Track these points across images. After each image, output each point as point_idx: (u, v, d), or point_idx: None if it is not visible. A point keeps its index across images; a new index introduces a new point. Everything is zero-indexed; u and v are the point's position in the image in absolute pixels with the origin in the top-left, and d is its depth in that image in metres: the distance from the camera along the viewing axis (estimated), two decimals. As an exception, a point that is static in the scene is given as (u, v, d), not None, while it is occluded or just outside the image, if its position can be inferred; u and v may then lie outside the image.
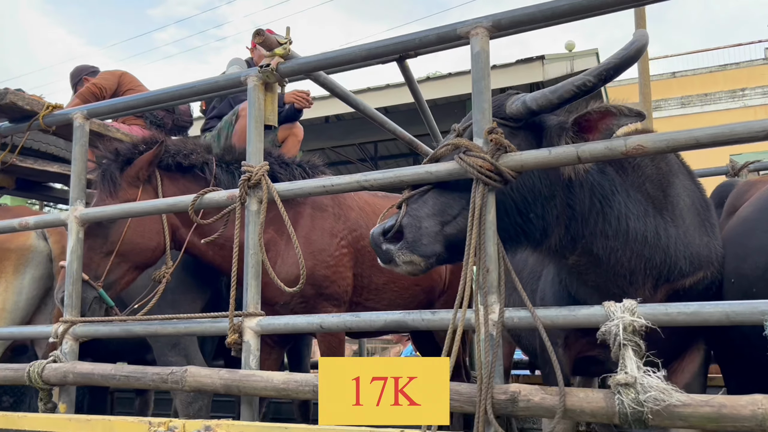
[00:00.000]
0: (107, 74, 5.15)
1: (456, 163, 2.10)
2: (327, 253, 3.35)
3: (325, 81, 2.91)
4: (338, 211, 3.51)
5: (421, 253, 2.10)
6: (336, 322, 2.26)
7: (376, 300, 3.69)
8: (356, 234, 3.53)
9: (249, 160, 2.52)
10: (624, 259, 2.26)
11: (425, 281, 3.93)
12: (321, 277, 3.34)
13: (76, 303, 2.83)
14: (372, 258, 3.61)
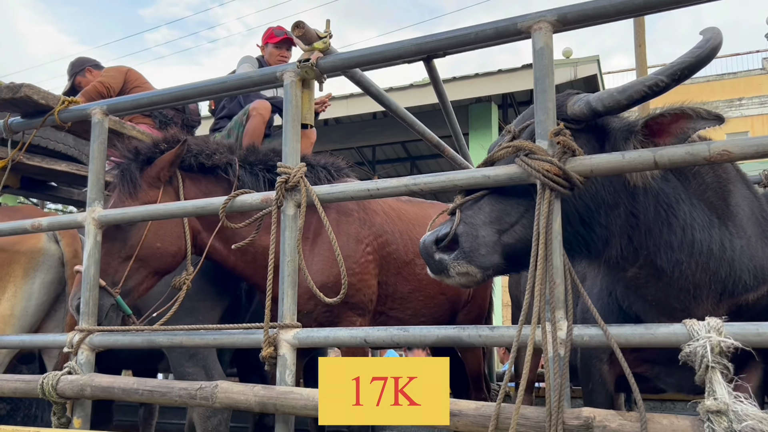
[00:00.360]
0: (113, 71, 4.94)
1: (518, 166, 1.95)
2: (352, 260, 3.19)
3: (360, 79, 2.75)
4: (363, 215, 3.35)
5: (479, 264, 1.95)
6: (382, 336, 2.10)
7: (400, 309, 3.54)
8: (382, 240, 3.37)
9: (285, 161, 2.35)
10: (689, 272, 2.11)
11: (451, 290, 3.77)
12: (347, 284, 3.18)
13: (93, 310, 2.65)
14: (397, 265, 3.46)
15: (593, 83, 11.53)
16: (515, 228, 2.02)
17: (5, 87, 2.83)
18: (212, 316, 3.29)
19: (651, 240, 2.07)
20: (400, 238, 3.48)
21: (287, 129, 2.37)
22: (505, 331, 1.94)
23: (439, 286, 3.67)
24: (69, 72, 5.21)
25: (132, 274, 2.80)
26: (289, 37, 5.27)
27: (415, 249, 3.54)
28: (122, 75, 4.88)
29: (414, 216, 3.69)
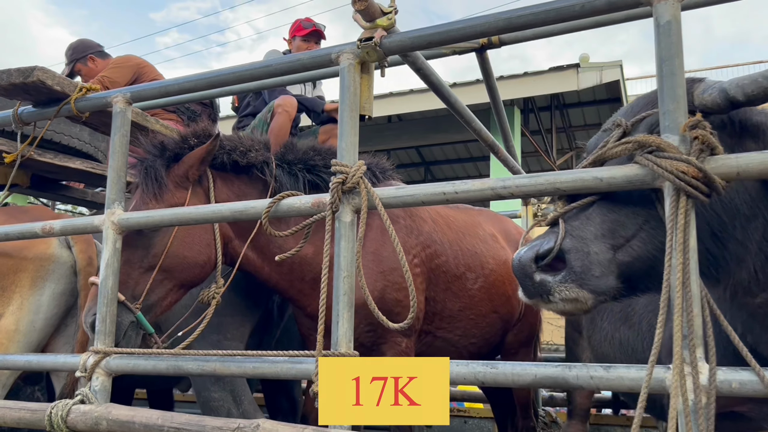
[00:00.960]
0: (121, 63, 4.50)
1: (640, 166, 1.58)
2: (399, 273, 2.82)
3: (422, 66, 2.38)
4: (410, 223, 2.98)
5: (593, 288, 1.57)
6: (463, 372, 1.72)
7: (448, 329, 3.15)
8: (430, 251, 2.99)
9: (342, 158, 1.98)
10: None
11: (504, 308, 3.39)
12: (392, 301, 2.81)
13: (111, 329, 2.28)
14: (447, 280, 3.08)
15: (616, 88, 11.16)
16: (632, 243, 1.63)
17: (16, 70, 2.48)
18: (241, 333, 2.93)
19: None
20: (449, 248, 3.10)
21: (344, 120, 2.00)
22: (624, 372, 1.55)
23: (491, 303, 3.29)
24: (68, 56, 4.72)
25: (155, 286, 2.44)
26: (318, 29, 4.92)
27: (466, 261, 3.16)
28: (131, 70, 4.47)
29: (463, 224, 3.31)
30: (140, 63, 4.65)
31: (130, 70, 4.47)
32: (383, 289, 2.77)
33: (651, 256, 1.63)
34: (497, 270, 3.31)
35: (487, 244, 3.34)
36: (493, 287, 3.29)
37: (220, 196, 2.64)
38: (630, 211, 1.66)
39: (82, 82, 2.59)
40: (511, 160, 3.62)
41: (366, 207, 1.91)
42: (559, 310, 1.62)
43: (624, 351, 2.84)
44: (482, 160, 13.70)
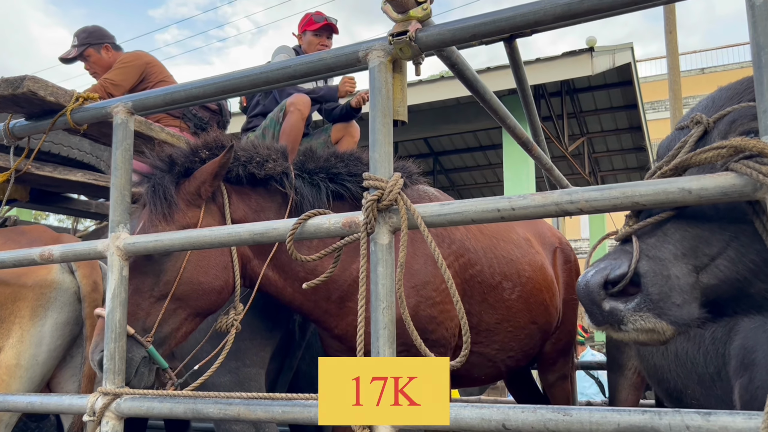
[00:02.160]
0: (128, 62, 4.18)
1: (738, 175, 1.32)
2: (432, 286, 2.58)
3: (457, 60, 2.12)
4: (441, 230, 2.73)
5: (673, 319, 1.34)
6: (531, 420, 1.47)
7: (485, 344, 2.91)
8: (464, 260, 2.74)
9: (375, 171, 1.73)
10: None
11: (543, 317, 3.15)
12: (426, 318, 2.57)
13: (120, 367, 2.05)
14: (482, 291, 2.83)
15: (627, 72, 10.85)
16: (718, 263, 1.39)
17: (3, 81, 2.23)
18: (261, 358, 2.70)
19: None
20: (484, 256, 2.85)
21: (376, 127, 1.75)
22: (729, 420, 1.30)
23: (529, 313, 3.04)
24: (80, 37, 4.40)
25: (168, 317, 2.20)
26: (330, 23, 4.65)
27: (502, 270, 2.91)
28: (137, 70, 4.19)
29: (496, 228, 3.06)
30: (149, 61, 4.37)
31: (136, 71, 4.20)
32: (416, 305, 2.54)
33: (741, 278, 1.39)
34: (534, 277, 3.06)
35: (523, 250, 3.09)
36: (531, 296, 3.05)
37: (237, 213, 2.40)
38: (715, 226, 1.41)
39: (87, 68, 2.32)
40: (545, 158, 3.36)
41: (406, 227, 1.66)
42: (632, 339, 1.39)
43: (681, 364, 2.60)
44: (492, 148, 13.43)
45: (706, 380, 2.51)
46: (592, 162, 13.54)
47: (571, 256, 3.64)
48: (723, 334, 2.39)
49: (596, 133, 12.93)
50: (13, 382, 2.41)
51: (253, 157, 2.47)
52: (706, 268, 1.39)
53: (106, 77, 4.16)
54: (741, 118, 1.45)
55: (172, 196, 2.27)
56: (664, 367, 2.76)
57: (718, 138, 1.46)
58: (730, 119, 1.50)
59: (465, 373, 3.03)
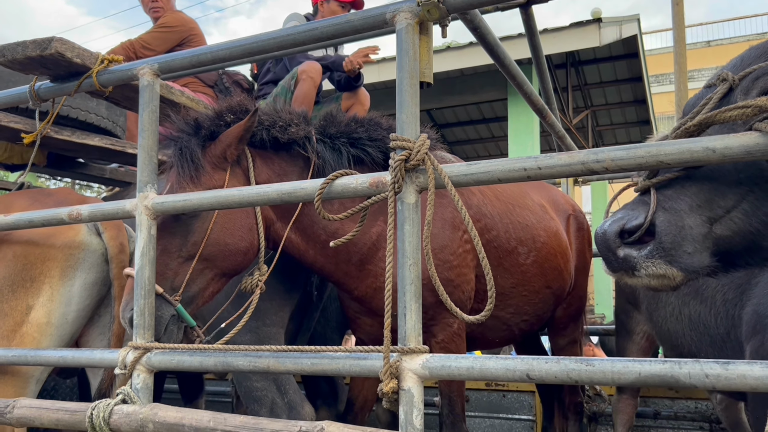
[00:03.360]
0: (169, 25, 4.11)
1: (762, 134, 1.37)
2: (449, 250, 2.64)
3: (479, 24, 2.15)
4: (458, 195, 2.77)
5: (684, 266, 1.44)
6: (554, 370, 1.54)
7: (500, 307, 2.97)
8: (480, 225, 2.79)
9: (402, 132, 1.77)
10: None
11: (557, 282, 3.21)
12: (443, 281, 2.61)
13: (150, 322, 2.12)
14: (498, 255, 2.89)
15: (633, 44, 10.78)
16: (733, 215, 1.47)
17: (32, 42, 2.26)
18: (280, 318, 2.76)
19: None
20: (500, 221, 2.91)
21: (403, 88, 1.79)
22: (747, 369, 1.36)
23: (544, 278, 3.10)
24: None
25: (195, 277, 2.26)
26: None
27: (517, 235, 2.97)
28: (178, 36, 4.12)
29: (512, 194, 3.11)
30: (192, 28, 4.31)
31: (176, 37, 4.16)
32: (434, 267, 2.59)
33: (754, 230, 1.47)
34: (549, 243, 3.12)
35: (537, 215, 3.14)
36: (545, 261, 3.11)
37: (261, 177, 2.45)
38: (732, 180, 1.48)
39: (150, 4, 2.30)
40: (558, 125, 3.40)
41: (433, 186, 1.71)
42: (645, 284, 1.50)
43: (695, 328, 2.67)
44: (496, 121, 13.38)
45: (717, 341, 2.58)
46: (595, 135, 13.52)
47: (584, 224, 3.69)
48: (734, 296, 2.45)
49: (601, 106, 12.89)
50: (44, 339, 2.48)
51: (276, 121, 2.50)
52: (720, 220, 1.47)
53: (141, 37, 4.15)
54: (765, 75, 1.49)
55: (199, 159, 2.32)
56: (679, 332, 2.83)
57: (741, 95, 1.50)
58: (754, 76, 1.53)
59: (480, 336, 3.09)
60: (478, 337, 3.10)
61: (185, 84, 4.32)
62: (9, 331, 2.45)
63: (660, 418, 3.98)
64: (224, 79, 4.72)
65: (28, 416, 2.17)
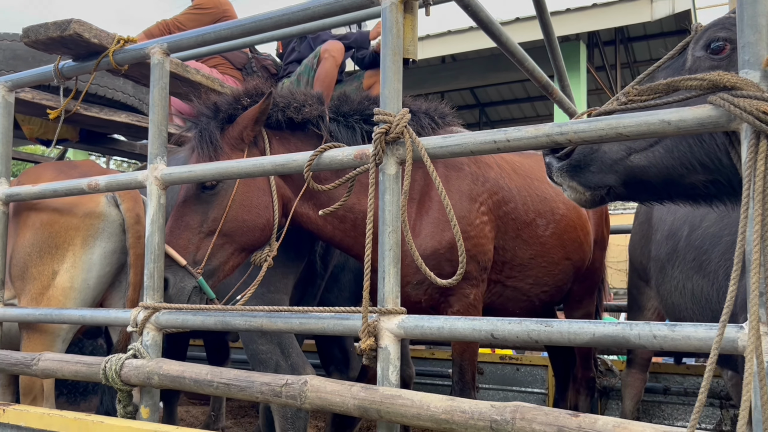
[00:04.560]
0: (204, 5, 4.25)
1: (714, 107, 1.42)
2: (466, 221, 2.73)
3: (470, 2, 2.22)
4: (476, 170, 2.86)
5: (584, 182, 1.73)
6: (516, 330, 1.64)
7: (519, 278, 3.06)
8: (497, 198, 2.87)
9: (384, 106, 1.88)
10: None
11: (577, 254, 3.28)
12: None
13: (159, 284, 2.29)
14: (516, 227, 2.96)
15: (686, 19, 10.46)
16: (656, 148, 1.65)
17: (52, 24, 2.43)
18: (284, 285, 2.91)
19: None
20: (518, 194, 2.98)
21: (386, 65, 1.89)
22: (692, 331, 1.44)
23: (563, 249, 3.17)
24: None
25: (216, 251, 2.43)
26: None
27: (536, 207, 3.05)
28: (211, 17, 4.24)
29: (530, 168, 3.17)
30: (226, 10, 4.45)
31: (209, 17, 4.30)
32: (450, 239, 2.69)
33: (674, 166, 1.64)
34: (568, 215, 3.18)
35: (556, 189, 3.20)
36: (564, 233, 3.17)
37: (276, 154, 2.57)
38: None
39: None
40: (566, 101, 3.43)
41: (411, 158, 1.81)
42: (568, 196, 1.81)
43: (697, 302, 2.71)
44: (541, 99, 13.23)
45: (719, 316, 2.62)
46: (644, 113, 13.23)
47: None
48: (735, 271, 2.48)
49: (652, 84, 12.56)
50: (68, 302, 2.69)
51: (291, 102, 2.63)
52: (641, 151, 1.66)
53: (176, 17, 4.31)
54: (714, 26, 1.58)
55: (218, 140, 2.47)
56: (682, 306, 2.86)
57: (694, 45, 1.60)
58: (705, 28, 1.63)
59: (500, 307, 3.15)
60: (498, 308, 3.16)
61: (215, 65, 4.48)
62: (37, 294, 2.66)
63: (670, 394, 4.01)
64: (253, 62, 4.87)
65: (51, 368, 2.38)
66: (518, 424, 1.50)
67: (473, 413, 1.56)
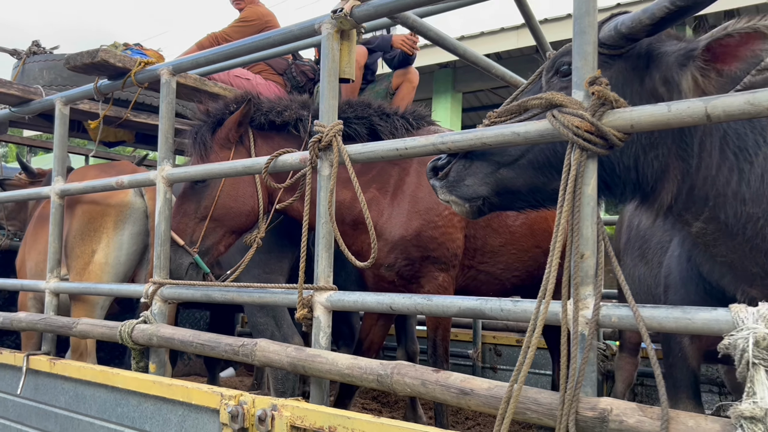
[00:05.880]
0: (247, 19, 4.80)
1: (548, 122, 1.73)
2: (435, 212, 3.08)
3: (414, 24, 2.57)
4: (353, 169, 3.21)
5: (460, 194, 1.95)
6: (407, 304, 2.00)
7: (490, 264, 3.37)
8: None
9: (322, 119, 2.27)
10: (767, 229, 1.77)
11: (547, 242, 3.53)
12: (428, 238, 3.09)
13: (165, 264, 2.80)
14: (487, 218, 3.28)
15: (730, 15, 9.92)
16: (519, 163, 1.90)
17: (85, 53, 3.01)
18: (280, 268, 3.36)
19: (714, 189, 1.77)
20: None
21: (324, 84, 2.28)
22: (528, 305, 1.75)
23: (533, 238, 3.45)
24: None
25: (209, 233, 2.92)
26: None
27: None
28: (256, 29, 4.71)
29: None
30: (268, 20, 4.94)
31: (253, 29, 4.80)
32: (420, 227, 3.05)
33: (536, 177, 1.88)
34: None
35: None
36: (535, 223, 3.44)
37: (261, 152, 3.03)
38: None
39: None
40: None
41: (337, 162, 2.20)
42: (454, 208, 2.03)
43: (641, 287, 2.93)
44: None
45: (659, 301, 2.84)
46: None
47: None
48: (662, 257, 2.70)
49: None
50: (104, 275, 3.29)
51: (275, 107, 3.08)
52: (509, 165, 1.92)
53: (224, 30, 4.86)
54: (561, 53, 1.86)
55: (208, 141, 2.96)
56: (633, 291, 3.08)
57: (548, 71, 1.89)
58: (558, 53, 1.91)
59: (475, 290, 3.48)
60: (473, 290, 3.50)
61: (259, 71, 4.99)
62: (81, 269, 3.28)
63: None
64: (293, 68, 5.35)
65: (85, 330, 2.96)
66: (395, 378, 1.88)
67: (366, 369, 1.95)
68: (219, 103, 3.08)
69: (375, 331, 3.51)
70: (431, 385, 1.81)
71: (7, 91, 3.51)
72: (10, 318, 3.31)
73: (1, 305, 5.02)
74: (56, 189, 3.30)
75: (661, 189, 1.81)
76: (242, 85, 4.57)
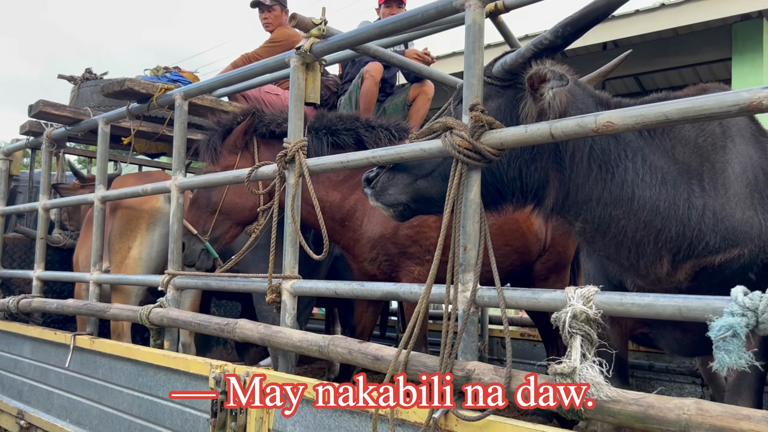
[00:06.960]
0: (279, 42, 5.23)
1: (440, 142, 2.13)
2: None
3: (376, 53, 3.00)
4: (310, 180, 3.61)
5: (384, 202, 2.33)
6: (346, 289, 2.45)
7: None
8: None
9: (290, 136, 2.75)
10: (628, 229, 2.12)
11: (517, 242, 3.88)
12: (403, 236, 3.50)
13: (177, 258, 3.35)
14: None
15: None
16: (432, 175, 2.29)
17: (115, 82, 3.61)
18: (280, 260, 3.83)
19: (581, 195, 2.13)
20: None
21: (291, 108, 2.75)
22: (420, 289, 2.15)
23: (503, 237, 3.80)
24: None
25: (218, 225, 3.45)
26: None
27: None
28: (284, 49, 5.16)
29: None
30: (295, 41, 5.41)
31: (281, 49, 5.26)
32: (396, 227, 3.48)
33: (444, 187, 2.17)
34: None
35: None
36: (505, 224, 3.79)
37: (263, 157, 3.52)
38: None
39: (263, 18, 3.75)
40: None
41: (299, 174, 2.67)
42: (382, 213, 2.39)
43: (589, 281, 3.25)
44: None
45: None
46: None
47: None
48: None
49: None
50: (138, 269, 3.88)
51: (275, 119, 3.58)
52: (424, 177, 2.31)
53: (256, 51, 5.40)
54: (460, 86, 2.24)
55: (218, 147, 3.50)
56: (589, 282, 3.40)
57: (454, 99, 2.28)
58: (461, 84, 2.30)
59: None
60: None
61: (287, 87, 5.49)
62: (119, 263, 3.89)
63: (654, 371, 4.41)
64: None
65: (116, 314, 3.55)
66: (330, 348, 2.33)
67: (312, 341, 2.41)
68: (228, 115, 3.61)
69: (366, 317, 3.96)
70: (355, 353, 2.24)
71: (61, 113, 4.19)
72: (61, 304, 3.96)
73: (67, 295, 5.77)
74: (98, 195, 3.92)
75: (545, 195, 2.18)
76: (272, 101, 5.13)
